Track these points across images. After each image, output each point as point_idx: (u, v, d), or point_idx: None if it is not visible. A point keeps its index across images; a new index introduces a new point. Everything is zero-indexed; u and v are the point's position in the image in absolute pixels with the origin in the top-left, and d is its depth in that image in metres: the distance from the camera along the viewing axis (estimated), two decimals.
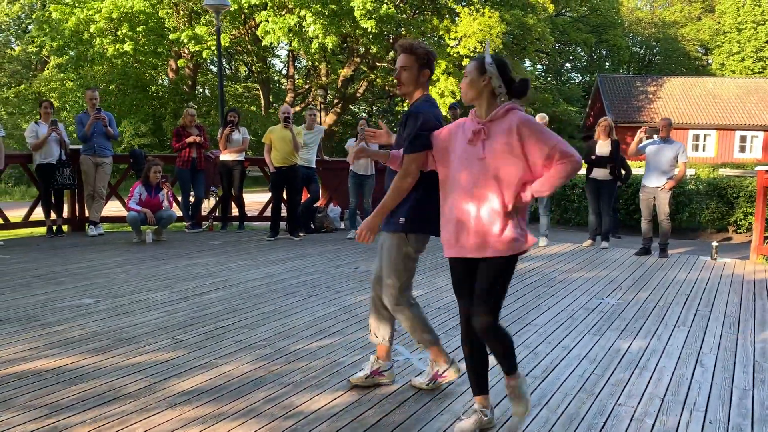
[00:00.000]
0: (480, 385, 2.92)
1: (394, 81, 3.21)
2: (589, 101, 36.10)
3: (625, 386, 3.50)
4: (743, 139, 30.79)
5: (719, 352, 4.13)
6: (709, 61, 46.45)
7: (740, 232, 11.35)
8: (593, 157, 8.24)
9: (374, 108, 40.06)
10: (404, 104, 26.20)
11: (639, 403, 3.28)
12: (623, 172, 10.24)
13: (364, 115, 37.17)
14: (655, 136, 7.82)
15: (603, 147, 8.20)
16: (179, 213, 8.93)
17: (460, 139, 2.82)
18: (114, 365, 3.64)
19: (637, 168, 12.40)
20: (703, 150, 30.89)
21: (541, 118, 8.39)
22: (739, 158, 29.87)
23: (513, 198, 2.69)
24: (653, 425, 3.04)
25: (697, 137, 30.94)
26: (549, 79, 44.01)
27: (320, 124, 28.33)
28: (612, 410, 3.19)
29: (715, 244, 7.75)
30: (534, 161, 2.67)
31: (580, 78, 46.38)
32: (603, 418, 3.10)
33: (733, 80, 34.57)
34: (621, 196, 11.35)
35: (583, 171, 9.62)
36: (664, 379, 3.63)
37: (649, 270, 6.86)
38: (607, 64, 44.86)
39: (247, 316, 4.69)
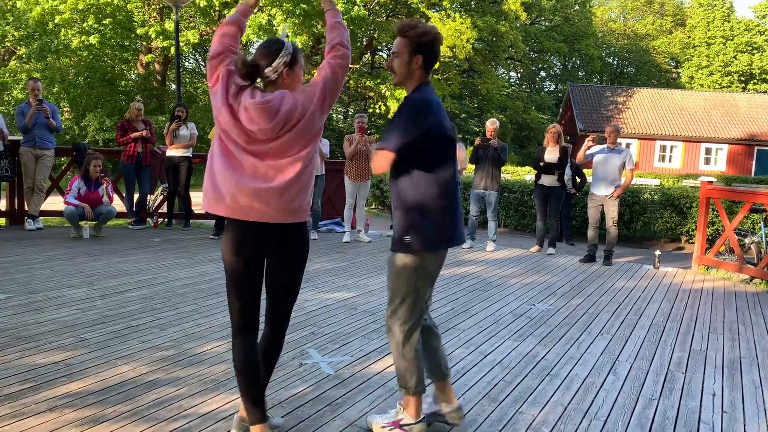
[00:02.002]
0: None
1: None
2: (561, 109, 36.41)
3: (531, 393, 3.44)
4: (708, 151, 31.27)
5: (635, 361, 4.09)
6: (679, 74, 47.20)
7: (692, 242, 11.45)
8: (542, 163, 8.23)
9: (348, 110, 39.98)
10: (377, 106, 26.13)
11: (540, 411, 3.22)
12: (578, 180, 10.34)
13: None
14: (603, 145, 7.83)
15: (552, 153, 8.19)
16: (121, 208, 8.71)
17: None
18: (4, 364, 3.48)
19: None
20: (670, 161, 31.31)
21: (491, 123, 8.36)
22: (704, 170, 30.32)
23: None
24: None
25: (663, 148, 31.35)
26: (524, 87, 44.38)
27: None
28: (511, 418, 3.13)
29: (657, 253, 7.78)
30: None
31: (555, 86, 46.84)
32: (500, 426, 3.03)
33: (701, 93, 35.14)
34: (576, 204, 11.39)
35: (531, 176, 9.59)
36: (573, 387, 3.58)
37: (589, 277, 6.85)
38: (580, 73, 45.35)
39: (163, 315, 4.55)
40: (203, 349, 3.87)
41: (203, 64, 37.18)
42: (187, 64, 33.39)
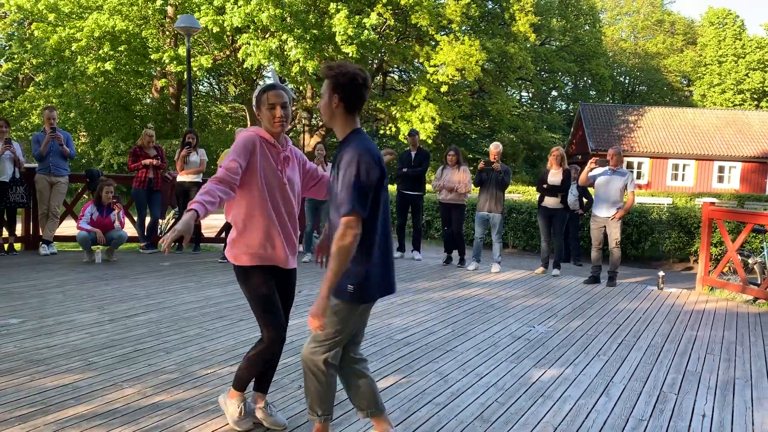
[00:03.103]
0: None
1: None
2: (572, 129, 36.47)
3: (523, 415, 3.52)
4: (721, 169, 31.13)
5: (629, 382, 4.16)
6: (691, 92, 47.16)
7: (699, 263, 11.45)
8: (545, 185, 8.33)
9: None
10: (387, 128, 26.37)
11: None
12: (585, 200, 10.42)
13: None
14: (605, 167, 7.91)
15: (555, 176, 8.30)
16: (132, 233, 8.91)
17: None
18: (15, 387, 3.62)
19: None
20: (683, 179, 31.19)
21: (495, 147, 8.49)
22: (718, 188, 30.18)
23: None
24: None
25: (676, 167, 31.26)
26: (535, 106, 44.56)
27: (302, 147, 28.40)
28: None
29: (661, 274, 7.82)
30: None
31: (566, 106, 46.97)
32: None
33: (713, 111, 35.06)
34: (584, 224, 11.44)
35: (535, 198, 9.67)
36: (565, 408, 3.66)
37: (592, 298, 6.91)
38: (591, 92, 45.46)
39: (169, 339, 4.69)
40: (206, 372, 4.00)
41: (216, 87, 37.78)
42: (200, 87, 33.93)
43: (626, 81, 49.72)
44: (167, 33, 25.10)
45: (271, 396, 3.53)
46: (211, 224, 11.91)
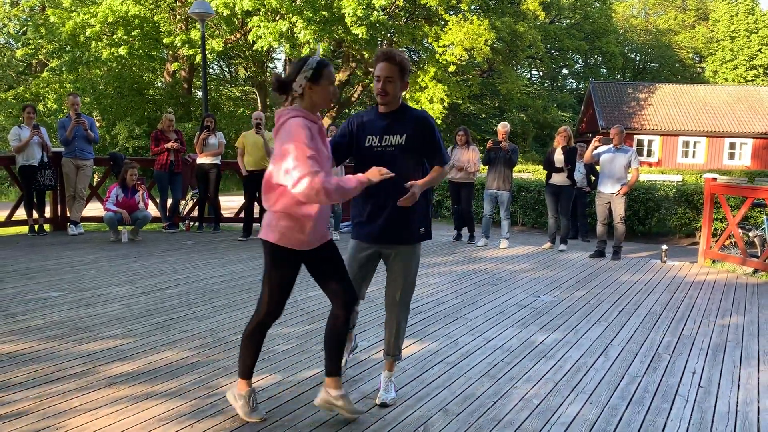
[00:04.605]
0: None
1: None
2: (582, 107, 36.45)
3: (527, 373, 3.86)
4: (732, 146, 31.10)
5: (627, 344, 4.49)
6: (703, 69, 46.81)
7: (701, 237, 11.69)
8: (555, 164, 8.60)
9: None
10: None
11: (533, 387, 3.64)
12: (592, 178, 10.67)
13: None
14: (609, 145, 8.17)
15: (561, 154, 8.56)
16: (155, 214, 9.30)
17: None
18: (66, 350, 4.00)
19: None
20: (693, 156, 31.21)
21: (502, 126, 8.76)
22: (728, 165, 30.19)
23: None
24: (538, 404, 3.40)
25: (687, 144, 31.26)
26: (545, 85, 44.46)
27: None
28: (506, 392, 3.55)
29: (664, 247, 8.10)
30: None
31: (576, 84, 46.80)
32: (495, 398, 3.46)
33: (724, 88, 34.91)
34: (591, 201, 11.68)
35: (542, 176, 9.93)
36: (566, 367, 3.99)
37: (596, 271, 7.22)
38: (602, 70, 45.25)
39: (199, 309, 5.06)
40: (237, 337, 4.36)
41: (227, 70, 38.03)
42: (211, 71, 34.18)
43: (637, 58, 49.39)
44: (178, 17, 25.37)
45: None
46: (229, 205, 12.27)
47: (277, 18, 22.25)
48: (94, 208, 9.92)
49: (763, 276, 7.21)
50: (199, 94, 35.26)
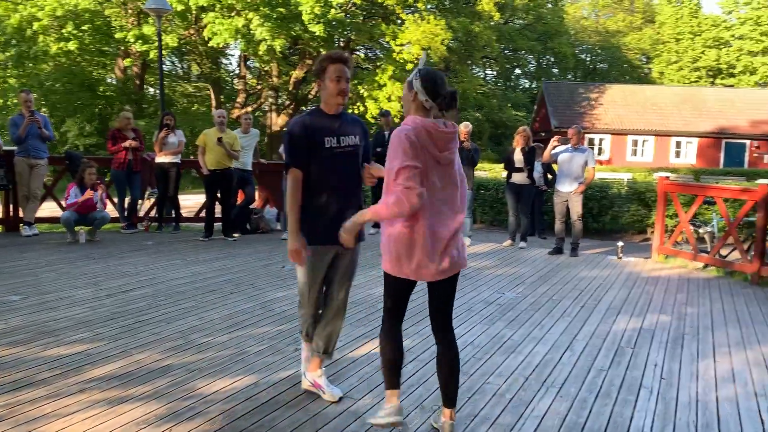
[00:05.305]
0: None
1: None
2: (535, 106, 37.15)
3: (498, 368, 3.96)
4: (678, 145, 32.18)
5: (591, 339, 4.64)
6: (650, 69, 48.29)
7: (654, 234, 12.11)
8: (515, 164, 8.77)
9: None
10: (355, 107, 26.55)
11: (505, 382, 3.74)
12: (549, 176, 10.92)
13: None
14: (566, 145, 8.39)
15: (521, 154, 8.75)
16: (114, 214, 9.11)
17: None
18: (33, 356, 3.91)
19: None
20: (642, 155, 32.16)
21: (465, 126, 8.88)
22: (675, 163, 31.22)
23: None
24: (511, 399, 3.50)
25: (635, 143, 32.20)
26: (499, 84, 45.11)
27: (270, 126, 28.43)
28: (479, 387, 3.64)
29: (620, 244, 8.37)
30: None
31: (530, 84, 47.66)
32: (470, 393, 3.54)
33: (670, 88, 36.12)
34: (548, 200, 11.96)
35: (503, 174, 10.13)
36: (534, 361, 4.11)
37: (556, 268, 7.41)
38: (554, 70, 46.18)
39: (168, 311, 5.00)
40: (208, 339, 4.34)
41: (180, 66, 37.30)
42: (163, 66, 33.46)
43: (588, 59, 50.57)
44: (130, 11, 24.78)
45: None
46: (184, 204, 12.07)
47: (232, 14, 21.97)
48: (47, 208, 9.64)
49: (713, 271, 7.52)
50: (152, 90, 34.57)
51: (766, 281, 6.77)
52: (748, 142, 31.68)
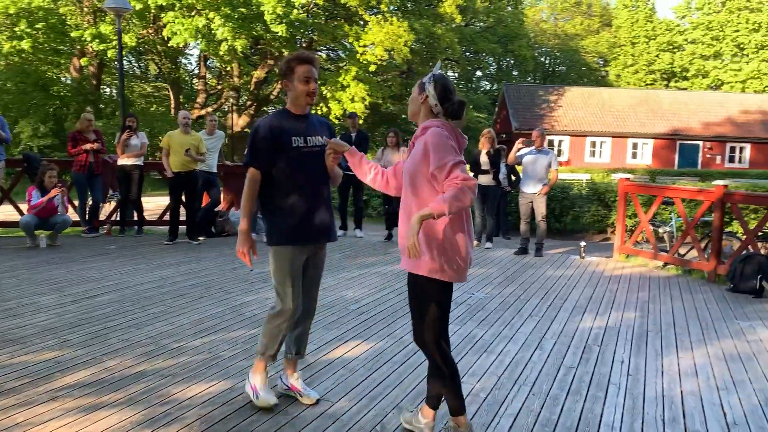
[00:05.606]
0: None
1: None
2: (496, 109, 37.63)
3: (471, 367, 4.03)
4: (635, 146, 33.01)
5: (559, 337, 4.75)
6: (607, 72, 49.41)
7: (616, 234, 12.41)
8: (481, 166, 8.89)
9: None
10: (319, 107, 26.46)
11: (479, 381, 3.80)
12: (513, 178, 11.08)
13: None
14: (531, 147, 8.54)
15: (486, 156, 8.87)
16: (75, 218, 8.91)
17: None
18: None
19: None
20: (600, 156, 32.89)
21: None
22: (631, 164, 32.02)
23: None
24: (485, 398, 3.56)
25: (594, 144, 32.90)
26: (461, 86, 45.53)
27: (231, 127, 28.10)
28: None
29: (582, 244, 8.57)
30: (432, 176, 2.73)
31: (490, 86, 48.25)
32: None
33: (627, 91, 37.04)
34: (511, 200, 12.15)
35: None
36: (506, 360, 4.19)
37: (522, 267, 7.54)
38: (514, 72, 46.85)
39: (136, 316, 4.93)
40: (180, 344, 4.29)
41: (137, 66, 36.60)
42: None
43: (547, 61, 51.48)
44: (86, 10, 24.22)
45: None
46: (147, 207, 11.87)
47: (193, 14, 21.68)
48: (3, 212, 9.37)
49: (673, 269, 7.76)
50: (109, 90, 33.83)
51: (723, 279, 7.01)
52: (701, 143, 32.71)
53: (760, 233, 7.27)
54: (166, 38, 21.77)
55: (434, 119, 2.82)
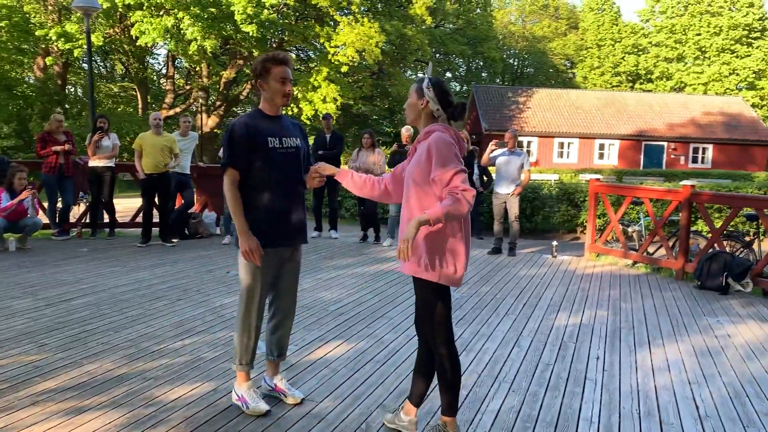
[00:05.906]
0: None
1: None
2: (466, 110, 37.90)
3: None
4: (602, 147, 33.61)
5: (536, 335, 4.86)
6: (574, 74, 50.20)
7: (586, 233, 12.65)
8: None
9: None
10: (289, 109, 26.36)
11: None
12: (485, 178, 11.22)
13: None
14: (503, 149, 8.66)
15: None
16: (45, 220, 8.76)
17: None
18: None
19: None
20: (567, 157, 33.41)
21: (406, 130, 9.04)
22: (599, 164, 32.59)
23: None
24: (467, 395, 3.63)
25: (561, 145, 33.41)
26: None
27: (200, 127, 27.83)
28: (436, 385, 3.74)
29: (554, 243, 8.73)
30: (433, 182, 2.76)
31: (460, 87, 48.61)
32: (428, 391, 3.64)
33: (593, 92, 37.69)
34: (484, 201, 12.29)
35: None
36: (485, 358, 4.27)
37: (496, 267, 7.66)
38: (483, 74, 47.30)
39: (114, 319, 4.89)
40: (160, 346, 4.28)
41: (103, 66, 35.98)
42: (86, 65, 32.21)
43: (515, 63, 52.06)
44: (50, 8, 23.75)
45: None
46: (118, 209, 11.72)
47: (161, 13, 21.42)
48: None
49: (642, 267, 7.96)
50: (73, 90, 33.20)
51: (690, 277, 7.22)
52: (665, 144, 33.46)
53: (725, 232, 7.50)
54: (134, 37, 21.46)
55: (436, 123, 2.86)
